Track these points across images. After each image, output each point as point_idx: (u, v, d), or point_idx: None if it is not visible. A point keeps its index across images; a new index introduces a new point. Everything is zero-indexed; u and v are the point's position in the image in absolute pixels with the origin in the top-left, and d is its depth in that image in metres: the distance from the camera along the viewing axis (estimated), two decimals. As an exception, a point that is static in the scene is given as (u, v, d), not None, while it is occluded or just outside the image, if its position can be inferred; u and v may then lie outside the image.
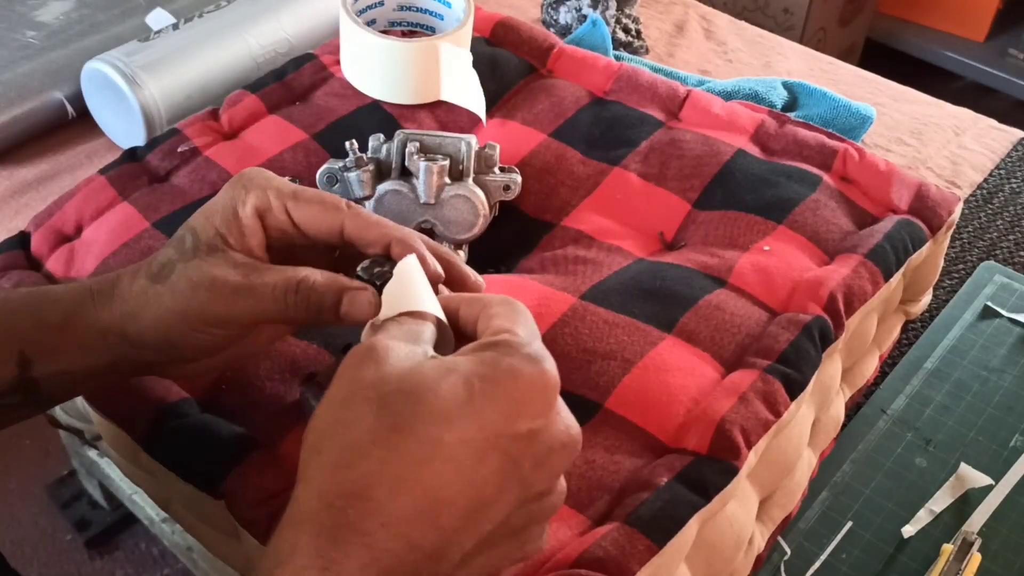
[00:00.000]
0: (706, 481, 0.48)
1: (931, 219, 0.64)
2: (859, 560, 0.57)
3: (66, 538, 1.28)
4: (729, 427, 0.50)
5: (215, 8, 0.84)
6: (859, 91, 0.94)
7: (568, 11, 0.96)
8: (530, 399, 0.37)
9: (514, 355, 0.38)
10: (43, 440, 1.35)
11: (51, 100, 0.80)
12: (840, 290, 0.58)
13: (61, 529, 1.28)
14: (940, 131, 0.89)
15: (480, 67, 0.73)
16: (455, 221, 0.63)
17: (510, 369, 0.37)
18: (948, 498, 0.60)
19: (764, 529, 0.55)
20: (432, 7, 0.78)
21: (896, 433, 0.64)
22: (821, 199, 0.65)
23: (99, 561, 1.26)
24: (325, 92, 0.74)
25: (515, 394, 0.37)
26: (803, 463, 0.57)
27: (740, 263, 0.61)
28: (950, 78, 2.01)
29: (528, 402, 0.37)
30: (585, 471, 0.50)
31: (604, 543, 0.45)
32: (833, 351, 0.57)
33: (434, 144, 0.63)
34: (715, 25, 1.04)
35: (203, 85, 0.79)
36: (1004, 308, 0.71)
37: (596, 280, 0.60)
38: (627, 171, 0.68)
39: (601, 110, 0.73)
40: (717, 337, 0.56)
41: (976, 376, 0.67)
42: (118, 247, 0.62)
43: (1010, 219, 0.81)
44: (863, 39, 2.06)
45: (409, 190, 0.63)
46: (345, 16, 0.72)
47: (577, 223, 0.66)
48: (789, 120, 0.71)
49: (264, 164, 0.66)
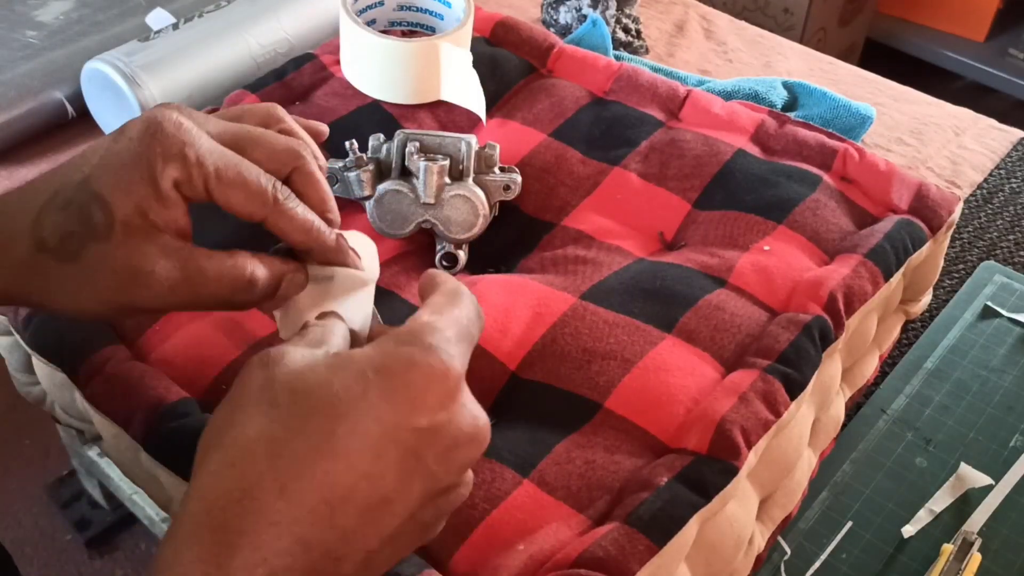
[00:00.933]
0: (706, 481, 0.48)
1: (931, 219, 0.64)
2: (859, 560, 0.57)
3: (66, 538, 1.28)
4: (729, 427, 0.50)
5: (215, 8, 0.84)
6: (859, 91, 0.94)
7: (568, 11, 0.96)
8: (427, 390, 0.35)
9: (414, 344, 0.36)
10: (43, 440, 1.35)
11: (51, 100, 0.80)
12: (840, 290, 0.58)
13: (61, 529, 1.28)
14: (940, 131, 0.89)
15: (480, 67, 0.73)
16: (455, 221, 0.63)
17: (407, 359, 0.35)
18: (948, 498, 0.60)
19: (764, 529, 0.55)
20: (432, 7, 0.78)
21: (896, 433, 0.64)
22: (821, 199, 0.65)
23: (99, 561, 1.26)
24: (325, 92, 0.74)
25: (411, 385, 0.35)
26: (803, 463, 0.57)
27: (740, 263, 0.61)
28: (950, 78, 2.01)
29: (426, 393, 0.35)
30: (585, 471, 0.50)
31: (604, 543, 0.45)
32: (833, 351, 0.57)
33: (434, 144, 0.63)
34: (715, 25, 1.04)
35: (203, 85, 0.79)
36: (1004, 308, 0.71)
37: (596, 280, 0.60)
38: (627, 171, 0.68)
39: (601, 110, 0.73)
40: (717, 337, 0.56)
41: (976, 376, 0.67)
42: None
43: (1010, 219, 0.81)
44: (863, 39, 2.06)
45: (409, 190, 0.63)
46: (345, 16, 0.72)
47: (577, 223, 0.66)
48: (789, 120, 0.71)
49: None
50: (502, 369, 0.56)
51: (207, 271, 0.41)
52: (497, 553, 0.47)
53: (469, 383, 0.46)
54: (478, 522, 0.48)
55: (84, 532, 1.26)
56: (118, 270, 0.40)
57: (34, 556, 1.26)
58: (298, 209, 0.43)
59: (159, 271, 0.40)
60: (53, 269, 0.40)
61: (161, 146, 0.40)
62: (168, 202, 0.41)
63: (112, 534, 1.27)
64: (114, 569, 1.26)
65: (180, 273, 0.41)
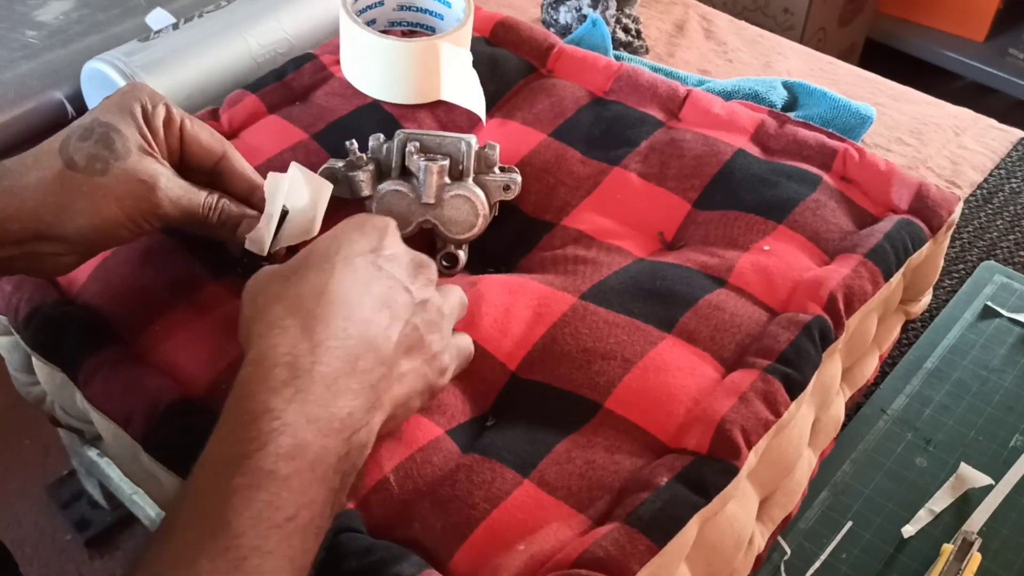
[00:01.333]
0: (706, 481, 0.48)
1: (931, 219, 0.64)
2: (859, 560, 0.57)
3: (66, 538, 1.28)
4: (729, 427, 0.50)
5: (215, 8, 0.84)
6: (859, 91, 0.94)
7: (568, 11, 0.96)
8: (373, 227, 0.51)
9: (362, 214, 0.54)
10: (43, 440, 1.35)
11: (51, 100, 0.80)
12: (840, 290, 0.58)
13: (61, 529, 1.28)
14: (940, 131, 0.89)
15: (480, 67, 0.73)
16: (455, 221, 0.63)
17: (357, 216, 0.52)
18: (948, 498, 0.60)
19: (764, 529, 0.55)
20: (432, 7, 0.78)
21: (896, 433, 0.64)
22: (821, 199, 0.65)
23: (99, 561, 1.26)
24: (325, 92, 0.74)
25: (363, 225, 0.51)
26: (803, 463, 0.57)
27: (740, 263, 0.61)
28: (950, 78, 2.01)
29: (372, 229, 0.51)
30: (585, 471, 0.50)
31: (604, 543, 0.45)
32: (833, 351, 0.57)
33: (434, 144, 0.63)
34: (715, 25, 1.04)
35: (203, 85, 0.79)
36: (1004, 308, 0.71)
37: (596, 280, 0.60)
38: (627, 171, 0.68)
39: (601, 110, 0.73)
40: (717, 337, 0.56)
41: (976, 376, 0.67)
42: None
43: (1010, 219, 0.81)
44: (863, 39, 2.06)
45: (409, 190, 0.63)
46: (345, 16, 0.72)
47: (577, 223, 0.66)
48: (789, 120, 0.71)
49: (264, 164, 0.66)
50: (502, 369, 0.56)
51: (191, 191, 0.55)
52: (497, 553, 0.47)
53: (469, 383, 0.55)
54: (478, 522, 0.48)
55: (84, 532, 1.26)
56: (141, 176, 0.52)
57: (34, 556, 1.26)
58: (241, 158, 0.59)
59: (166, 179, 0.53)
60: (83, 184, 0.51)
61: (149, 97, 0.55)
62: (159, 136, 0.55)
63: (112, 534, 1.27)
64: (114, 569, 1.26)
65: (185, 187, 0.55)
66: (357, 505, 0.50)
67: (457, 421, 0.54)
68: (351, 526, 0.48)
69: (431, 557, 0.47)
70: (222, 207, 0.57)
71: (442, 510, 0.49)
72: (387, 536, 0.49)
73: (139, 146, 0.53)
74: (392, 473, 0.50)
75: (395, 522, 0.49)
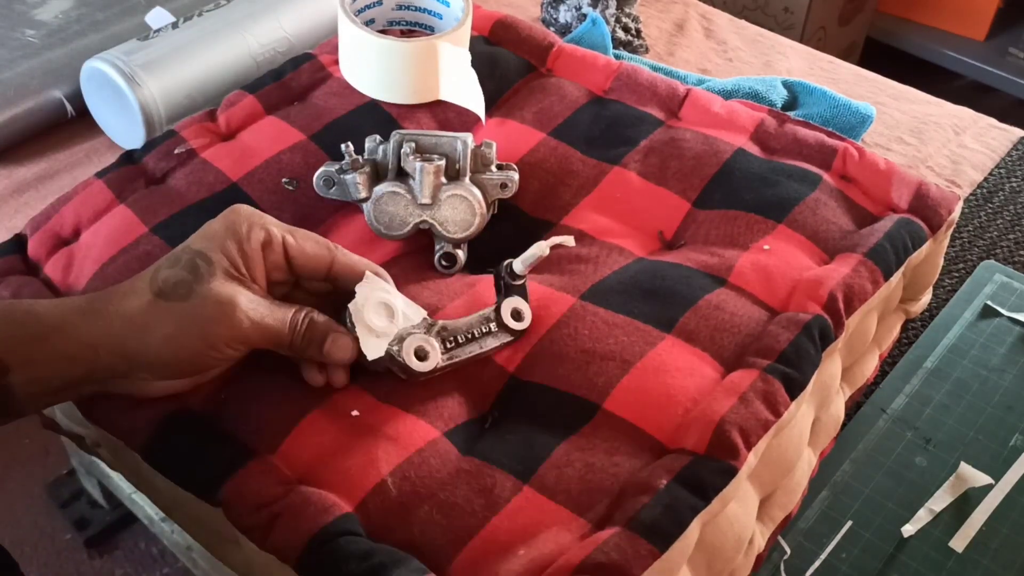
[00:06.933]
0: (704, 481, 0.48)
1: (931, 218, 0.64)
2: (859, 560, 0.57)
3: (65, 537, 1.28)
4: (728, 427, 0.50)
5: (215, 7, 0.83)
6: (859, 90, 0.94)
7: (568, 10, 0.96)
8: None
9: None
10: (43, 439, 1.35)
11: (50, 99, 0.80)
12: (840, 289, 0.58)
13: (61, 528, 1.28)
14: (940, 130, 0.89)
15: (479, 66, 0.72)
16: (453, 220, 0.63)
17: None
18: (948, 497, 0.60)
19: (764, 529, 0.55)
20: (431, 6, 0.78)
21: (896, 432, 0.63)
22: (821, 198, 0.65)
23: (99, 560, 1.26)
24: (324, 92, 0.73)
25: None
26: (803, 463, 0.57)
27: (740, 262, 0.61)
28: (950, 77, 2.00)
29: None
30: (584, 474, 0.50)
31: (606, 548, 0.45)
32: (833, 350, 0.57)
33: (430, 144, 0.63)
34: (715, 24, 1.04)
35: (203, 84, 0.79)
36: (1004, 307, 0.71)
37: (595, 280, 0.60)
38: (627, 170, 0.68)
39: (601, 109, 0.73)
40: (717, 337, 0.56)
41: (976, 375, 0.67)
42: (116, 252, 0.61)
43: (1010, 218, 0.81)
44: (863, 38, 2.06)
45: (406, 191, 0.62)
46: (343, 16, 0.72)
47: (577, 222, 0.66)
48: (789, 119, 0.71)
49: (261, 165, 0.66)
50: (500, 371, 0.56)
51: (280, 307, 0.53)
52: (498, 558, 0.47)
53: (468, 385, 0.54)
54: (478, 528, 0.48)
55: (84, 531, 1.27)
56: (219, 299, 0.51)
57: (34, 555, 1.26)
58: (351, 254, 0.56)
59: (246, 302, 0.51)
60: (166, 310, 0.50)
61: (246, 219, 0.53)
62: (252, 261, 0.53)
63: (112, 533, 1.28)
64: (114, 568, 1.26)
65: (266, 310, 0.52)
66: (355, 508, 0.49)
67: (455, 423, 0.54)
68: (350, 529, 0.48)
69: (431, 562, 0.47)
70: (309, 321, 0.54)
71: (442, 516, 0.49)
72: (386, 539, 0.48)
73: (224, 270, 0.52)
74: (390, 476, 0.50)
75: (394, 525, 0.49)
